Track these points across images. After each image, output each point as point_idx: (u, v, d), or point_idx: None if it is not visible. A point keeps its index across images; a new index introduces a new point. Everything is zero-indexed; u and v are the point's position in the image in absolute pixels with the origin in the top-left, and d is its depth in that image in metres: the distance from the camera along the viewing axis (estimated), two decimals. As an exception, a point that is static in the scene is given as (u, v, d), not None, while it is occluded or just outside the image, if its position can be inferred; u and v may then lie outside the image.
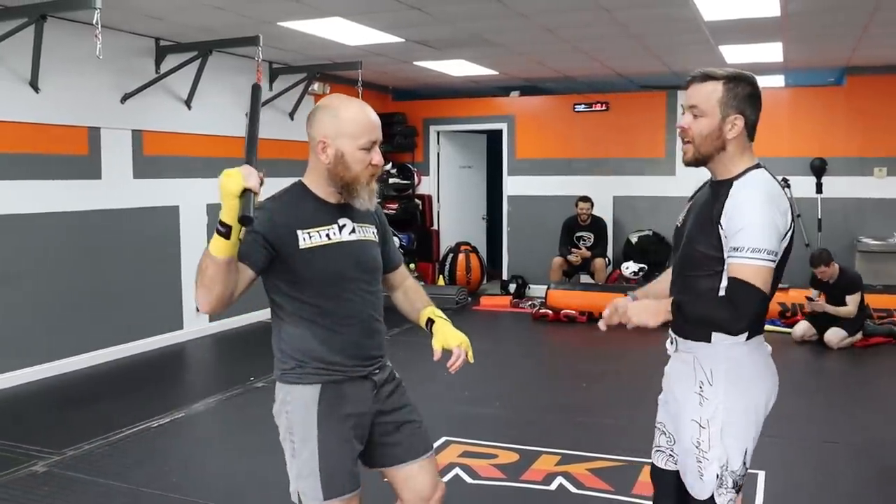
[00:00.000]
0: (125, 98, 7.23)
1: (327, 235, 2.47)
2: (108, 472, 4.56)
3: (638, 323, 2.47)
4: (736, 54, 8.64)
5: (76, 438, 5.06)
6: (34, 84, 6.37)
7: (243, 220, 2.18)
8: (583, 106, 10.84)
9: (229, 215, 2.19)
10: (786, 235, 2.40)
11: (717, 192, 2.47)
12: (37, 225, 6.60)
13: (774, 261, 2.34)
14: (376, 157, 2.47)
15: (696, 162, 2.52)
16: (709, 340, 2.47)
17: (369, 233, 2.60)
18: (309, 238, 2.44)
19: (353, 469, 2.51)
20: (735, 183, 2.43)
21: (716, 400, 2.46)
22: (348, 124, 2.43)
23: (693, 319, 2.44)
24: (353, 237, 2.53)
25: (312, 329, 2.47)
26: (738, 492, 2.53)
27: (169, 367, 7.29)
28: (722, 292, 2.42)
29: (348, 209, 2.53)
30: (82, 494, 4.28)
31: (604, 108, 10.73)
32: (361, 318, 2.53)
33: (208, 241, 2.24)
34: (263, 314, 9.02)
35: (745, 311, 2.33)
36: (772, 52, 8.51)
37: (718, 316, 2.37)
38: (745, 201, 2.37)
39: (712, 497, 2.51)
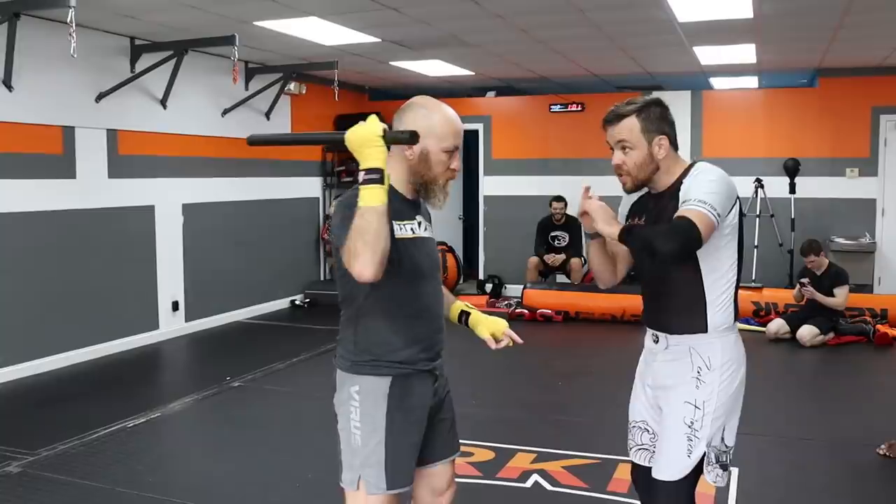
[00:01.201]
0: (100, 97, 7.19)
1: (411, 229, 2.54)
2: (83, 473, 4.53)
3: (590, 215, 2.63)
4: (710, 55, 8.72)
5: (51, 439, 5.03)
6: (7, 83, 6.32)
7: (413, 135, 2.32)
8: (559, 106, 10.89)
9: (378, 159, 2.25)
10: (732, 208, 2.59)
11: (665, 200, 2.67)
12: (10, 224, 6.55)
13: (718, 217, 2.49)
14: (455, 162, 2.55)
15: (637, 188, 2.73)
16: (705, 331, 2.63)
17: (433, 232, 2.69)
18: (400, 229, 2.49)
19: (412, 463, 2.57)
20: (683, 181, 2.63)
21: (713, 383, 2.62)
22: (437, 125, 2.49)
23: (638, 241, 2.56)
24: (426, 234, 2.62)
25: (391, 321, 2.50)
26: (724, 469, 2.68)
27: (145, 367, 7.25)
28: (705, 277, 2.63)
29: (420, 207, 2.62)
30: (57, 495, 4.26)
31: (579, 108, 10.78)
32: (432, 312, 2.60)
33: (180, 238, 2.24)
34: (239, 314, 9.07)
35: (677, 236, 2.43)
36: (745, 53, 8.59)
37: (656, 241, 2.47)
38: (694, 178, 2.60)
39: (688, 476, 2.65)
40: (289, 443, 5.13)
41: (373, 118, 2.29)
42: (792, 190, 10.00)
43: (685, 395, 2.63)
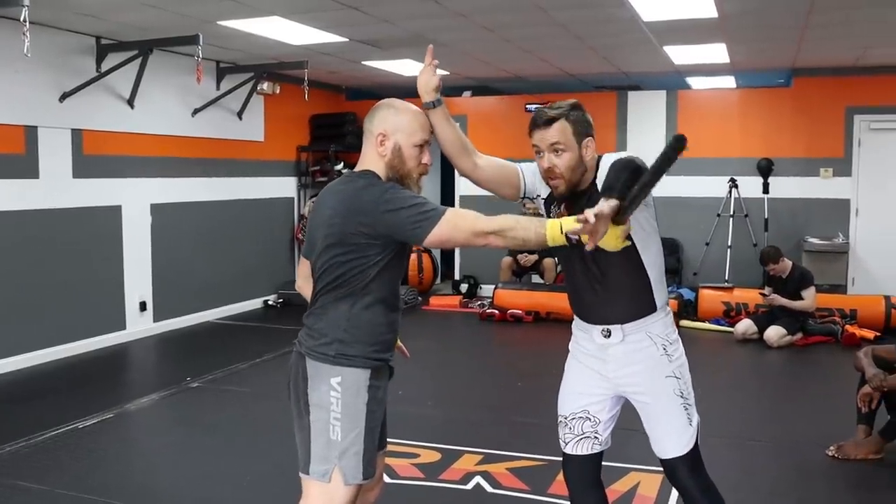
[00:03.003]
0: (64, 97, 7.15)
1: None
2: (24, 474, 4.51)
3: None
4: (681, 55, 8.70)
5: (-1, 440, 5.02)
6: (-35, 82, 6.30)
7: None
8: (535, 106, 10.83)
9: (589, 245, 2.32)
10: None
11: (583, 200, 2.64)
12: (-29, 225, 6.53)
13: None
14: (426, 156, 2.68)
15: (570, 191, 2.71)
16: (655, 310, 2.73)
17: None
18: None
19: (376, 453, 2.69)
20: (597, 177, 2.69)
21: (678, 353, 2.76)
22: (406, 122, 2.64)
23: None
24: None
25: (384, 305, 2.62)
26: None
27: (107, 368, 7.20)
28: (643, 258, 2.69)
29: None
30: (-4, 496, 4.25)
31: (555, 108, 10.75)
32: (399, 300, 2.74)
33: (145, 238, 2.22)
34: (209, 314, 9.07)
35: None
36: (717, 53, 8.56)
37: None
38: (607, 171, 2.48)
39: (696, 443, 2.75)
40: (238, 443, 5.11)
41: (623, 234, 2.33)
42: (765, 190, 9.99)
43: (664, 371, 2.71)
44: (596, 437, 2.83)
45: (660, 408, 2.73)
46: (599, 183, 2.58)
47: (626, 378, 2.76)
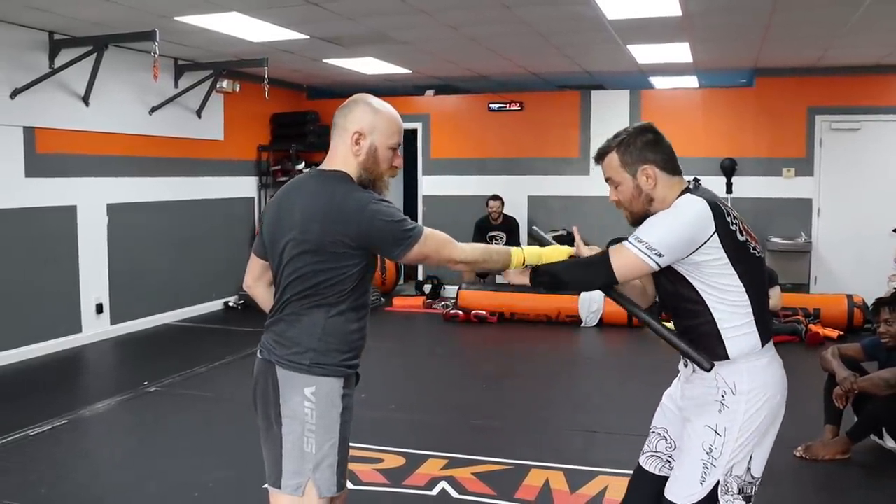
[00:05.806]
0: (15, 93, 6.94)
1: None
2: (-29, 485, 4.34)
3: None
4: (645, 54, 8.68)
5: (-56, 450, 4.83)
6: (-89, 78, 6.08)
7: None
8: (497, 105, 10.80)
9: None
10: (703, 245, 2.45)
11: None
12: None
13: (656, 257, 2.42)
14: (398, 160, 2.61)
15: (640, 221, 2.58)
16: (728, 357, 2.50)
17: None
18: None
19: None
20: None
21: (738, 410, 2.50)
22: (384, 122, 2.55)
23: (545, 277, 2.64)
24: None
25: (356, 316, 2.55)
26: (747, 501, 2.53)
27: (62, 372, 6.99)
28: (712, 308, 2.52)
29: None
30: (-60, 509, 4.08)
31: (518, 107, 10.69)
32: (370, 303, 2.67)
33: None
34: (168, 317, 8.91)
35: (586, 270, 2.62)
36: (680, 52, 8.55)
37: (563, 274, 2.62)
38: (657, 214, 2.54)
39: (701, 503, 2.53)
40: (198, 450, 4.97)
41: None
42: (729, 190, 10.01)
43: (707, 419, 2.53)
44: (668, 462, 2.70)
45: (684, 449, 2.59)
46: None
47: (683, 402, 2.66)
